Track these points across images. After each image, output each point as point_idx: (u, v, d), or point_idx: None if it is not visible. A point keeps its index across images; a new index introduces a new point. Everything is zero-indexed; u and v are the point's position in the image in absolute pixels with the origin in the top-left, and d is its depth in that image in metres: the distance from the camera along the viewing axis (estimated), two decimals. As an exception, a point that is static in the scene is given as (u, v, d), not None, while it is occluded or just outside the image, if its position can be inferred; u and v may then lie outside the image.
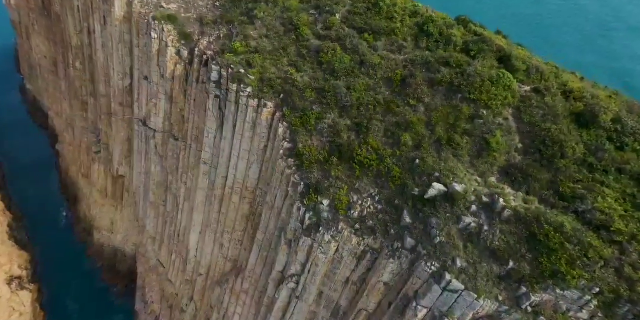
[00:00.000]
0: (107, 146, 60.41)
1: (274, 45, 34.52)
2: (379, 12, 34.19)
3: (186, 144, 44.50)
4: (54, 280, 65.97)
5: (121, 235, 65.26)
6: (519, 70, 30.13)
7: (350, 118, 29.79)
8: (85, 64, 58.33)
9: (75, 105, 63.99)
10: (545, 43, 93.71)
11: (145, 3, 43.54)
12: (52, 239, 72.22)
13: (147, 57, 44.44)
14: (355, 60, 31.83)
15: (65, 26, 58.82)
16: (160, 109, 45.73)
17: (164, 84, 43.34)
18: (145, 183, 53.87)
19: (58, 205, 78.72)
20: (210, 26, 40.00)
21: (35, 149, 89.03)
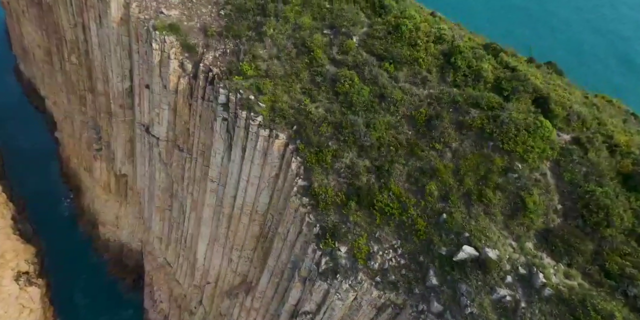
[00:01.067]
0: (109, 144, 58.51)
1: (286, 68, 32.13)
2: (400, 37, 31.38)
3: (192, 156, 42.77)
4: (62, 273, 66.00)
5: (127, 230, 64.61)
6: (558, 116, 27.75)
7: (370, 159, 28.02)
8: (82, 60, 55.42)
9: (73, 100, 61.53)
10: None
11: (144, 7, 40.55)
12: (56, 231, 71.66)
13: (147, 66, 41.97)
14: (375, 92, 29.60)
15: (57, 18, 55.46)
16: (164, 119, 43.69)
17: (167, 95, 41.13)
18: (149, 187, 52.52)
19: (60, 194, 77.66)
20: (215, 38, 37.34)
21: (33, 133, 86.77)
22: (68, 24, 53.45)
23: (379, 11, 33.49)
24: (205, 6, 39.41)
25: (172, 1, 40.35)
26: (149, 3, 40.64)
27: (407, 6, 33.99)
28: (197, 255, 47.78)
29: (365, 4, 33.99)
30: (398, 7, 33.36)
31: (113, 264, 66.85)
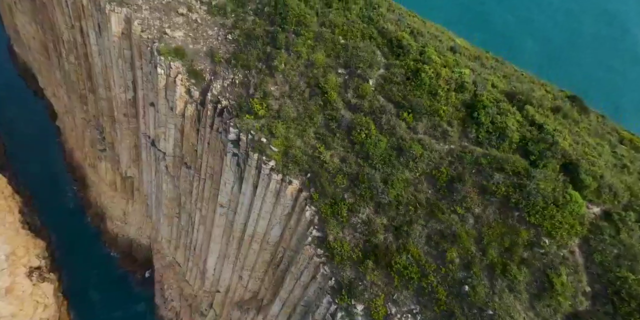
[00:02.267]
0: (113, 146, 57.46)
1: (298, 110, 30.88)
2: (419, 85, 29.74)
3: (200, 176, 42.05)
4: (73, 267, 66.79)
5: (134, 226, 64.89)
6: (588, 187, 26.61)
7: (388, 217, 27.46)
8: (81, 61, 53.28)
9: (74, 98, 59.79)
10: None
11: (147, 25, 38.44)
12: (64, 223, 72.01)
13: (152, 85, 40.35)
14: (392, 144, 28.53)
15: (53, 17, 52.72)
16: (170, 137, 42.66)
17: (173, 116, 39.81)
18: (156, 194, 52.12)
19: (64, 183, 77.15)
20: (223, 65, 35.67)
21: (32, 118, 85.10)
22: (65, 25, 50.88)
23: (396, 51, 31.59)
24: (211, 28, 37.32)
25: (175, 20, 38.17)
26: (151, 21, 38.48)
27: (427, 42, 32.00)
28: (206, 265, 48.21)
29: (381, 41, 32.06)
30: (417, 47, 31.41)
31: (123, 258, 67.74)
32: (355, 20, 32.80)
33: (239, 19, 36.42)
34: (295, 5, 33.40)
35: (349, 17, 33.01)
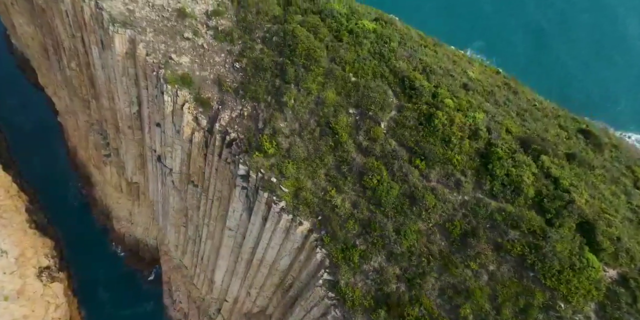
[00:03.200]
0: (117, 152, 57.08)
1: (309, 150, 30.59)
2: (432, 131, 29.19)
3: (207, 196, 42.01)
4: (81, 265, 67.79)
5: (141, 227, 65.39)
6: (605, 250, 26.55)
7: (400, 267, 27.69)
8: (83, 69, 52.16)
9: (76, 101, 58.96)
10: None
11: (152, 49, 37.56)
12: (70, 220, 72.66)
13: (158, 107, 39.73)
14: (405, 191, 28.36)
15: (52, 23, 51.20)
16: (176, 156, 42.46)
17: (180, 138, 39.33)
18: (162, 204, 52.21)
19: (69, 179, 77.17)
20: (230, 95, 35.12)
21: (33, 111, 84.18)
22: (65, 34, 49.59)
23: (408, 92, 30.88)
24: (218, 54, 36.43)
25: (181, 45, 37.21)
26: (157, 45, 37.55)
27: (439, 81, 31.22)
28: (214, 276, 48.91)
29: (393, 80, 31.31)
30: (429, 88, 30.68)
31: (130, 256, 68.54)
32: (366, 56, 31.92)
33: (246, 46, 35.50)
34: (304, 37, 32.47)
35: (360, 52, 32.12)
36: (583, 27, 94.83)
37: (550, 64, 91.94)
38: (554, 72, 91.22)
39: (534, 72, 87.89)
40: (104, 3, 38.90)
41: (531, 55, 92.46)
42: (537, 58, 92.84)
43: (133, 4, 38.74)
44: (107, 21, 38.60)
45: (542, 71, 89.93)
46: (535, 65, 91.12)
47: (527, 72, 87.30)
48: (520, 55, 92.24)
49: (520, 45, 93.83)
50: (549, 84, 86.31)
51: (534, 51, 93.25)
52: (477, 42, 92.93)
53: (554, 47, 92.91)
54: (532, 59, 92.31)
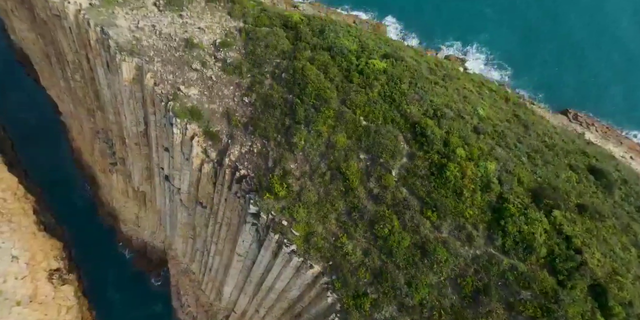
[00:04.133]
0: (124, 161, 57.27)
1: (320, 194, 30.99)
2: (444, 182, 29.35)
3: (216, 219, 42.54)
4: (90, 266, 69.01)
5: (148, 231, 66.28)
6: (617, 315, 27.11)
7: (412, 318, 28.19)
8: (87, 82, 51.72)
9: (80, 110, 58.69)
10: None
11: (160, 79, 37.49)
12: (77, 219, 73.59)
13: (166, 135, 39.70)
14: (417, 242, 28.91)
15: (55, 35, 50.35)
16: (185, 180, 42.94)
17: (189, 166, 39.49)
18: (170, 217, 52.81)
19: (73, 177, 77.46)
20: (240, 130, 35.28)
21: (36, 106, 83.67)
22: (69, 48, 48.97)
23: (419, 139, 30.87)
24: (226, 86, 36.27)
25: (189, 76, 37.01)
26: (165, 75, 37.37)
27: (450, 126, 31.14)
28: (222, 289, 50.05)
29: (404, 125, 31.30)
30: (440, 135, 30.66)
31: (138, 258, 69.72)
32: (377, 100, 31.83)
33: (255, 80, 35.30)
34: (314, 76, 32.27)
35: (371, 95, 31.99)
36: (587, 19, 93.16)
37: (553, 59, 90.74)
38: (557, 67, 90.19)
39: (536, 67, 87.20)
40: (110, 30, 38.41)
41: (533, 49, 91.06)
42: (539, 52, 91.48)
43: (140, 31, 38.25)
44: (113, 49, 38.16)
45: (544, 66, 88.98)
46: (537, 60, 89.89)
47: (529, 66, 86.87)
48: (522, 49, 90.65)
49: (522, 39, 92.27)
50: (552, 80, 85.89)
51: (536, 44, 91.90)
52: (483, 34, 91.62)
53: (558, 41, 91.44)
54: (534, 53, 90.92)
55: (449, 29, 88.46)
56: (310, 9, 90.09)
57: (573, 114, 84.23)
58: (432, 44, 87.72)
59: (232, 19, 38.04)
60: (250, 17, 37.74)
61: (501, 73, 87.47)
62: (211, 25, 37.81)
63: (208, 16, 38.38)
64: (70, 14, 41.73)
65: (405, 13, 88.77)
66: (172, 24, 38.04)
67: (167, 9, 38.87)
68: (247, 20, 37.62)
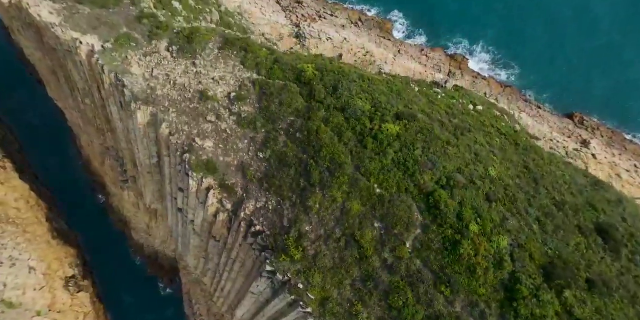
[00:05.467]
0: (135, 180, 58.46)
1: (335, 259, 32.49)
2: (458, 259, 30.64)
3: (229, 256, 44.17)
4: (104, 271, 71.50)
5: (159, 240, 68.23)
6: None
7: None
8: (98, 107, 52.15)
9: (90, 129, 59.28)
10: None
11: (176, 129, 38.38)
12: (89, 224, 75.47)
13: (181, 177, 40.72)
14: (430, 316, 30.70)
15: (65, 63, 50.41)
16: (199, 217, 44.08)
17: (204, 210, 40.74)
18: (182, 238, 54.47)
19: (84, 180, 78.90)
20: (255, 184, 36.35)
21: (42, 107, 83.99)
22: (79, 77, 49.13)
23: (433, 212, 31.92)
24: (241, 140, 37.08)
25: (204, 128, 37.73)
26: (180, 126, 38.16)
27: (463, 196, 32.12)
28: (235, 312, 52.28)
29: (418, 195, 32.26)
30: (453, 207, 31.72)
31: (149, 264, 72.09)
32: (391, 168, 32.76)
33: (270, 137, 36.08)
34: (329, 139, 33.09)
35: (384, 162, 32.87)
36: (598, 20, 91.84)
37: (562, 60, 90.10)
38: (565, 67, 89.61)
39: (543, 66, 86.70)
40: (124, 78, 38.82)
41: (541, 48, 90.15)
42: (547, 51, 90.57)
43: (154, 80, 38.64)
44: (128, 97, 38.65)
45: (552, 65, 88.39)
46: (544, 59, 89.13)
47: (537, 65, 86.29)
48: (530, 47, 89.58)
49: (530, 37, 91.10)
50: (559, 80, 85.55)
51: (545, 43, 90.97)
52: (490, 31, 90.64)
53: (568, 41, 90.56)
54: (542, 51, 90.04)
55: (456, 25, 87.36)
56: (315, 6, 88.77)
57: (579, 118, 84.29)
58: (439, 41, 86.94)
59: (246, 69, 38.31)
60: (263, 68, 38.00)
61: (508, 73, 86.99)
62: (225, 76, 38.14)
63: (221, 65, 38.63)
64: (83, 54, 41.95)
65: (412, 7, 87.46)
66: (186, 74, 38.39)
67: (181, 56, 39.07)
68: (261, 72, 37.93)
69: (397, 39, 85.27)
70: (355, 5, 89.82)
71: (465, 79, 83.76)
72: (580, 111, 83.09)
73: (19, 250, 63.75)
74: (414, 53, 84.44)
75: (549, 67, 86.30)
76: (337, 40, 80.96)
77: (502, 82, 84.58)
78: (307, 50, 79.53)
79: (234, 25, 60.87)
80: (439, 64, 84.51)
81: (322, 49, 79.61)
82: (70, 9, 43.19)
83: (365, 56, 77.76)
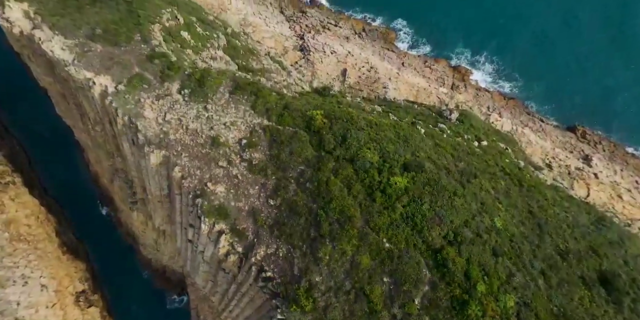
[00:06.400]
0: (144, 201, 59.66)
1: (345, 312, 33.81)
2: (465, 319, 31.83)
3: (239, 289, 45.56)
4: (113, 284, 73.03)
5: (167, 256, 69.64)
6: None
7: None
8: (109, 136, 53.06)
9: (100, 152, 60.25)
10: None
11: (188, 173, 39.49)
12: (98, 236, 76.50)
13: (193, 216, 41.95)
14: None
15: (77, 96, 51.17)
16: (208, 252, 45.33)
17: (215, 249, 42.03)
18: (190, 262, 55.86)
19: (92, 192, 79.90)
20: (265, 230, 37.50)
21: (48, 119, 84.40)
22: (90, 108, 49.96)
23: (441, 270, 33.12)
24: (252, 186, 38.17)
25: (216, 172, 38.83)
26: (192, 170, 39.23)
27: (470, 252, 33.27)
28: (244, 334, 53.98)
29: (426, 251, 33.40)
30: (461, 265, 32.92)
31: (157, 277, 73.68)
32: (399, 223, 33.84)
33: (280, 184, 37.17)
34: (338, 192, 34.20)
35: (393, 217, 33.97)
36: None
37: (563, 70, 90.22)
38: (569, 78, 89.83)
39: (547, 77, 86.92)
40: (138, 122, 39.73)
41: (544, 59, 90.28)
42: (551, 62, 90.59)
43: (167, 125, 39.58)
44: (142, 140, 39.64)
45: (555, 76, 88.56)
46: (548, 70, 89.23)
47: (540, 76, 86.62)
48: (533, 58, 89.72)
49: (533, 47, 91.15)
50: (563, 91, 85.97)
51: (548, 54, 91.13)
52: (494, 40, 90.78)
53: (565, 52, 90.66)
54: (546, 62, 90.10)
55: (459, 34, 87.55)
56: (319, 15, 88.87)
57: (581, 132, 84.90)
58: (442, 51, 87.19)
59: (256, 114, 39.23)
60: (273, 114, 38.89)
61: (511, 84, 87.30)
62: (236, 121, 39.08)
63: (232, 110, 39.52)
64: (96, 93, 42.81)
65: (415, 15, 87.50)
66: (198, 118, 39.33)
67: (193, 99, 39.97)
68: (271, 118, 38.83)
69: (401, 50, 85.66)
70: (359, 14, 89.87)
71: (468, 92, 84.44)
72: (583, 123, 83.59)
73: (31, 268, 65.42)
74: (417, 65, 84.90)
75: (552, 78, 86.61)
76: (341, 54, 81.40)
77: (505, 94, 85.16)
78: (312, 64, 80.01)
79: (240, 48, 61.38)
80: (442, 77, 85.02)
81: (326, 63, 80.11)
82: (83, 45, 43.91)
83: (369, 72, 78.33)
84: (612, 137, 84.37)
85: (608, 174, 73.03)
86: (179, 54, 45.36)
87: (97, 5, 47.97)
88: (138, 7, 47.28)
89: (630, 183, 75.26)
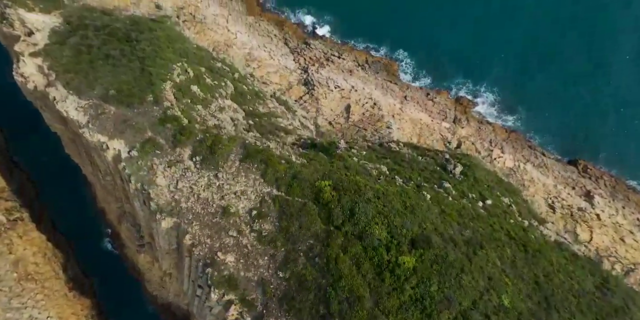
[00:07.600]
0: (152, 245, 60.38)
1: None
2: None
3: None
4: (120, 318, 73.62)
5: (173, 293, 70.31)
6: None
7: None
8: (118, 187, 53.77)
9: (109, 197, 60.98)
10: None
11: (198, 241, 40.23)
12: (104, 269, 76.88)
13: (202, 280, 42.58)
14: None
15: (88, 150, 51.77)
16: (216, 309, 45.84)
17: (223, 315, 42.63)
18: (198, 310, 56.54)
19: (99, 226, 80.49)
20: (274, 302, 38.11)
21: (56, 149, 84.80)
22: (102, 164, 50.67)
23: None
24: (261, 257, 38.87)
25: (226, 242, 39.57)
26: (202, 238, 39.97)
27: None
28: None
29: None
30: None
31: (163, 312, 74.34)
32: (408, 305, 34.51)
33: (289, 257, 37.85)
34: (347, 270, 34.90)
35: (402, 299, 34.67)
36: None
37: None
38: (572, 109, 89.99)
39: (549, 109, 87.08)
40: (150, 189, 40.42)
41: (547, 90, 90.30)
42: (554, 93, 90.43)
43: (179, 193, 40.32)
44: (154, 208, 40.37)
45: (557, 108, 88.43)
46: (551, 102, 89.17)
47: (542, 108, 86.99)
48: (535, 89, 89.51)
49: (534, 78, 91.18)
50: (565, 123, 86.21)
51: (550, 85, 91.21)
52: (495, 69, 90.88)
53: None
54: (549, 93, 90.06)
55: (459, 64, 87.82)
56: (323, 47, 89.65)
57: (583, 166, 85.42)
58: (443, 82, 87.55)
59: (266, 183, 39.99)
60: (282, 184, 39.66)
61: (513, 117, 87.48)
62: (246, 190, 39.84)
63: (242, 179, 40.28)
64: (109, 156, 43.56)
65: (415, 46, 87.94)
66: (209, 187, 40.08)
67: (204, 167, 40.73)
68: (280, 188, 39.60)
69: (404, 82, 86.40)
70: (362, 44, 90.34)
71: (470, 125, 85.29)
72: (584, 156, 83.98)
73: (39, 309, 66.15)
74: (419, 98, 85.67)
75: (554, 110, 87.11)
76: (345, 89, 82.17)
77: (507, 127, 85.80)
78: (316, 100, 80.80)
79: (246, 93, 62.24)
80: (444, 110, 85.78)
81: (330, 98, 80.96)
82: (96, 107, 44.64)
83: (372, 109, 79.21)
84: (613, 170, 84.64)
85: (610, 213, 73.57)
86: (189, 113, 46.11)
87: (109, 61, 48.69)
88: (150, 65, 48.04)
89: (632, 222, 75.72)
